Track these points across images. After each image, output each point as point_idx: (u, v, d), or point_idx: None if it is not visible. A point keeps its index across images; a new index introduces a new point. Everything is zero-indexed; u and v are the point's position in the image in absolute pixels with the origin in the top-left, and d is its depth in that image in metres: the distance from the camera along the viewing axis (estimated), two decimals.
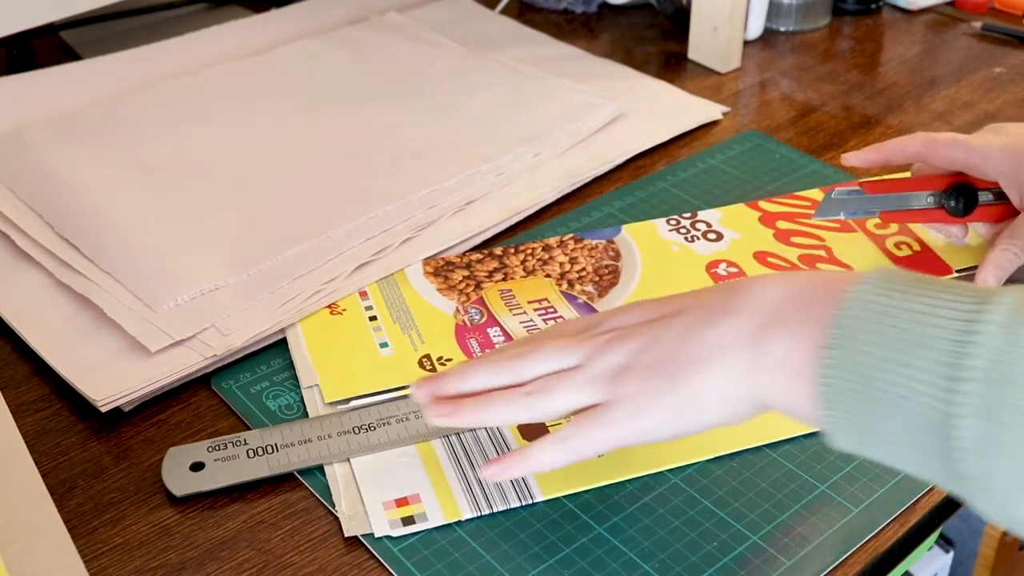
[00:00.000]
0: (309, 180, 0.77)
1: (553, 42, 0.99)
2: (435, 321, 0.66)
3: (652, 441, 0.50)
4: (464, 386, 0.53)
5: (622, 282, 0.70)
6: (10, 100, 0.87)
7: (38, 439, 0.59)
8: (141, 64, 0.92)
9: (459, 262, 0.71)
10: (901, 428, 0.42)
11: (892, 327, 0.43)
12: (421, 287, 0.69)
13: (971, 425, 0.40)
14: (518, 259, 0.72)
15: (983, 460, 0.40)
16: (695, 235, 0.73)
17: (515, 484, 0.55)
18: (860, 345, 0.43)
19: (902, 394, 0.42)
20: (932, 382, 0.41)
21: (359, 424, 0.58)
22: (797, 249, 0.72)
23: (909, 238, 0.73)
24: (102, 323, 0.64)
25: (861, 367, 0.43)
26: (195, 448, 0.57)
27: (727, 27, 0.93)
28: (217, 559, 0.53)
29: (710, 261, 0.71)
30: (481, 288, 0.69)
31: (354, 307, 0.67)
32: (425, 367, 0.63)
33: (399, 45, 0.96)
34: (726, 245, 0.73)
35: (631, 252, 0.72)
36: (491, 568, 0.52)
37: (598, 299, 0.68)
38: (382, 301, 0.67)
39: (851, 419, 0.44)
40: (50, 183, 0.76)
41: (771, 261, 0.71)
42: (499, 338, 0.65)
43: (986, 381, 0.40)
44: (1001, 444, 0.39)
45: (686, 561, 0.52)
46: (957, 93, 0.92)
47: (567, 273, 0.70)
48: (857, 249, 0.72)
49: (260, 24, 1.00)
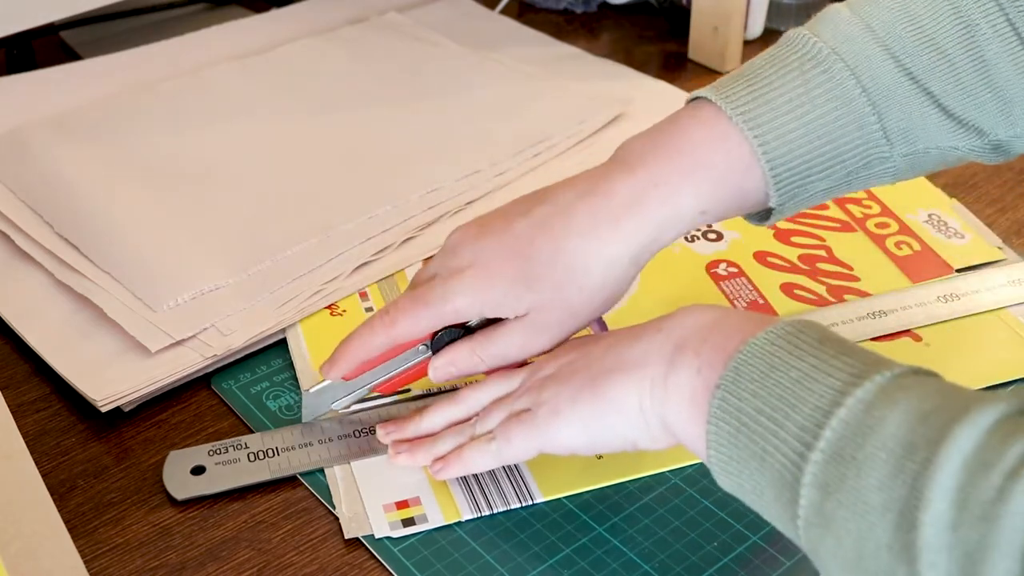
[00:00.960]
0: (309, 180, 0.77)
1: (553, 42, 0.99)
2: None
3: (570, 451, 0.52)
4: (422, 426, 0.56)
5: None
6: (10, 100, 0.87)
7: (38, 439, 0.59)
8: (141, 64, 0.92)
9: None
10: (766, 483, 0.42)
11: (775, 382, 0.43)
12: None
13: (809, 494, 0.40)
14: None
15: (813, 531, 0.40)
16: (695, 235, 0.73)
17: (515, 485, 0.55)
18: (743, 392, 0.44)
19: (768, 449, 0.42)
20: (792, 445, 0.41)
21: (359, 427, 0.58)
22: (797, 249, 0.72)
23: (909, 237, 0.73)
24: (102, 323, 0.64)
25: (740, 413, 0.43)
26: (196, 452, 0.57)
27: (727, 27, 0.93)
28: (217, 559, 0.53)
29: (710, 261, 0.71)
30: None
31: (354, 308, 0.67)
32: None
33: (399, 45, 0.96)
34: (726, 245, 0.72)
35: None
36: (491, 568, 0.52)
37: None
38: (382, 302, 0.67)
39: (729, 464, 0.44)
40: (50, 183, 0.76)
41: (771, 261, 0.71)
42: None
43: (831, 453, 0.40)
44: (829, 519, 0.39)
45: (686, 561, 0.52)
46: None
47: None
48: (858, 248, 0.72)
49: (260, 24, 1.00)
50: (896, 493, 0.38)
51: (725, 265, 0.71)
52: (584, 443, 0.51)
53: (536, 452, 0.52)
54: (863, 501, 0.38)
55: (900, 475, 0.38)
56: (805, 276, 0.70)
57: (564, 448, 0.51)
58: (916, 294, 0.67)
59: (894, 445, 0.38)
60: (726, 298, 0.68)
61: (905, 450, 0.38)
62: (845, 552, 0.39)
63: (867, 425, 0.39)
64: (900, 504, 0.37)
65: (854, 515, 0.38)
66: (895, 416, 0.39)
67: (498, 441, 0.52)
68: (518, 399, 0.53)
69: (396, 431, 0.57)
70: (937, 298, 0.67)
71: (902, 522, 0.37)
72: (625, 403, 0.49)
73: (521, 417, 0.52)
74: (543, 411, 0.51)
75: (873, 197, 0.76)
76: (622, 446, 0.50)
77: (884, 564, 0.37)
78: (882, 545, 0.38)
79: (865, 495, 0.38)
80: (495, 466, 0.54)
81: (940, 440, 0.37)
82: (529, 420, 0.52)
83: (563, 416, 0.50)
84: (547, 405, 0.51)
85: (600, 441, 0.50)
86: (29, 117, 0.84)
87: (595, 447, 0.51)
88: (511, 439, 0.52)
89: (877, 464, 0.38)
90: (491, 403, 0.55)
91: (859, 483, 0.39)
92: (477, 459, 0.53)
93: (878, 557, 0.38)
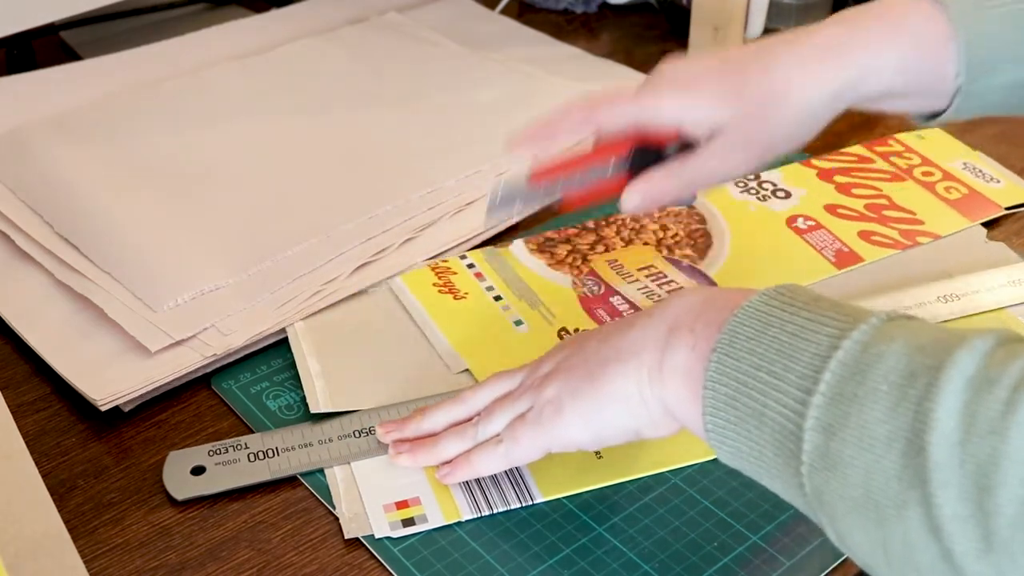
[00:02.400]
0: (309, 180, 0.77)
1: (553, 42, 0.99)
2: (558, 295, 0.68)
3: (576, 447, 0.52)
4: (424, 426, 0.57)
5: (716, 244, 0.73)
6: (10, 100, 0.87)
7: (38, 439, 0.59)
8: (141, 64, 0.92)
9: (558, 237, 0.73)
10: (767, 440, 0.42)
11: (771, 338, 0.43)
12: (531, 264, 0.71)
13: (813, 438, 0.40)
14: (612, 230, 0.74)
15: (818, 476, 0.40)
16: (765, 194, 0.77)
17: (515, 485, 0.55)
18: (740, 351, 0.44)
19: (767, 404, 0.42)
20: (793, 394, 0.41)
21: (360, 428, 0.58)
22: (861, 200, 0.77)
23: (954, 183, 0.78)
24: (102, 323, 0.64)
25: (738, 372, 0.44)
26: (196, 452, 0.57)
27: (727, 27, 0.93)
28: (217, 559, 0.53)
29: (788, 216, 0.75)
30: (588, 261, 0.71)
31: (475, 291, 0.68)
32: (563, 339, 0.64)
33: (399, 45, 0.96)
34: (797, 200, 0.77)
35: (714, 215, 0.75)
36: (491, 568, 0.52)
37: (700, 261, 0.71)
38: (500, 280, 0.69)
39: (727, 428, 0.44)
40: (50, 183, 0.76)
41: (842, 212, 0.76)
42: (623, 306, 0.67)
43: (832, 395, 0.40)
44: (834, 459, 0.39)
45: (686, 561, 0.52)
46: None
47: (663, 240, 0.73)
48: (912, 195, 0.77)
49: (260, 24, 1.00)
50: (901, 421, 0.38)
51: (803, 219, 0.75)
52: (589, 437, 0.51)
53: (544, 451, 0.52)
54: (868, 435, 0.38)
55: (903, 403, 0.38)
56: (876, 223, 0.75)
57: (570, 444, 0.52)
58: (916, 294, 0.67)
59: (895, 377, 0.39)
60: (814, 249, 0.72)
61: (906, 379, 0.38)
62: (852, 490, 0.39)
63: (865, 363, 0.40)
64: (906, 431, 0.37)
65: (860, 450, 0.38)
66: (893, 350, 0.39)
67: (506, 443, 0.53)
68: (519, 398, 0.53)
69: (396, 431, 0.57)
70: (937, 298, 0.67)
71: (909, 448, 0.37)
72: (625, 392, 0.49)
73: (526, 418, 0.52)
74: (547, 410, 0.51)
75: (911, 150, 0.82)
76: (626, 436, 0.50)
77: (894, 495, 0.37)
78: (891, 476, 0.38)
79: (870, 429, 0.38)
80: (504, 468, 0.54)
81: (941, 365, 0.38)
82: (534, 420, 0.52)
83: (566, 413, 0.51)
84: (550, 404, 0.51)
85: (604, 433, 0.51)
86: (29, 117, 0.84)
87: (600, 440, 0.51)
88: (519, 440, 0.52)
89: (879, 397, 0.39)
90: (492, 402, 0.55)
91: (862, 418, 0.39)
92: (486, 462, 0.54)
93: (887, 489, 0.38)
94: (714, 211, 0.76)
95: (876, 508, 0.38)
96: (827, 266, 0.71)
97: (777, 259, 0.72)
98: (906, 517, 0.37)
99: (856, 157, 0.81)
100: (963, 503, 0.36)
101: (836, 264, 0.71)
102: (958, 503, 0.36)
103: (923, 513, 0.37)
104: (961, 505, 0.36)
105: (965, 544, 0.36)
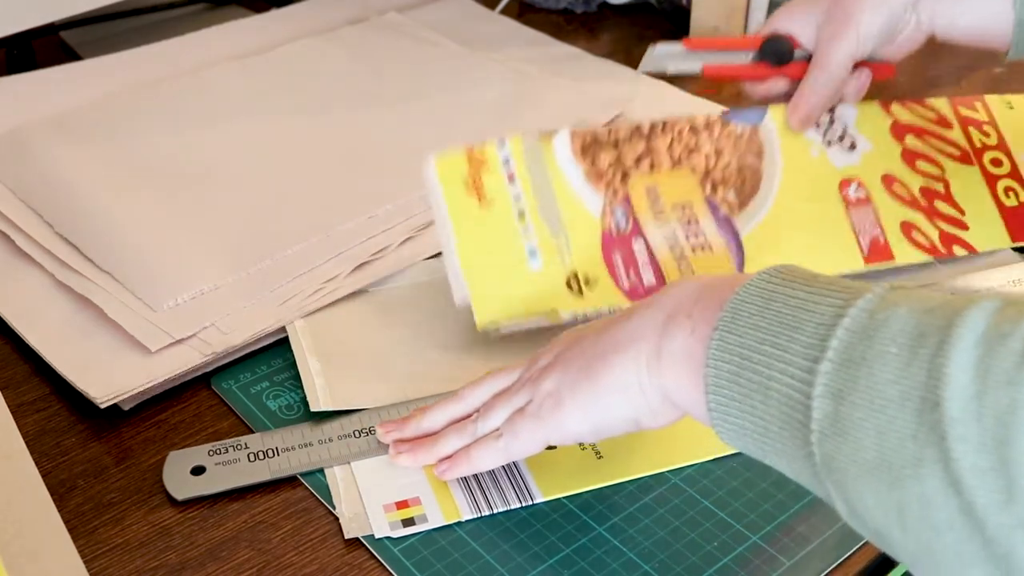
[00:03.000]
0: (309, 179, 0.77)
1: (553, 42, 0.99)
2: (583, 225, 0.65)
3: (576, 439, 0.52)
4: (423, 425, 0.57)
5: (762, 190, 0.70)
6: (10, 100, 0.87)
7: (38, 439, 0.59)
8: (141, 64, 0.92)
9: (607, 139, 0.68)
10: (772, 414, 0.42)
11: (774, 312, 0.43)
12: (569, 170, 0.66)
13: (822, 405, 0.40)
14: (665, 142, 0.69)
15: (828, 443, 0.40)
16: (832, 139, 0.73)
17: (515, 485, 0.55)
18: (743, 327, 0.44)
19: (773, 376, 0.42)
20: (799, 364, 0.41)
21: (359, 428, 0.58)
22: (920, 178, 0.73)
23: (1018, 184, 0.75)
24: (102, 323, 0.64)
25: (741, 348, 0.44)
26: (196, 452, 0.57)
27: (727, 27, 0.93)
28: (217, 559, 0.53)
29: (844, 179, 0.72)
30: (628, 178, 0.68)
31: (502, 199, 0.64)
32: (572, 289, 0.64)
33: (399, 45, 0.96)
34: (859, 158, 0.73)
35: (773, 151, 0.71)
36: (491, 568, 0.52)
37: (738, 210, 0.69)
38: (530, 189, 0.65)
39: (730, 405, 0.44)
40: (50, 183, 0.76)
41: (896, 189, 0.72)
42: (642, 255, 0.66)
43: (840, 361, 0.40)
44: (845, 424, 0.39)
45: (686, 561, 0.52)
46: (957, 93, 0.92)
47: (711, 171, 0.69)
48: (971, 189, 0.74)
49: (260, 24, 1.00)
50: (913, 381, 0.37)
51: (855, 186, 0.72)
52: (588, 429, 0.51)
53: (543, 444, 0.52)
54: (880, 396, 0.38)
55: (914, 362, 0.38)
56: (923, 215, 0.71)
57: (570, 437, 0.52)
58: None
59: (904, 338, 0.38)
60: (852, 231, 0.70)
61: (916, 339, 0.38)
62: (865, 453, 0.38)
63: (873, 327, 0.40)
64: (919, 390, 0.37)
65: (871, 412, 0.38)
66: (900, 314, 0.39)
67: (505, 437, 0.52)
68: (518, 392, 0.53)
69: (396, 431, 0.57)
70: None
71: (923, 406, 0.37)
72: (623, 382, 0.49)
73: (525, 411, 0.52)
74: (546, 403, 0.51)
75: (993, 123, 0.78)
76: (625, 427, 0.50)
77: (909, 454, 0.37)
78: (905, 436, 0.37)
79: (881, 390, 0.38)
80: (503, 463, 0.54)
81: (951, 324, 0.37)
82: (533, 413, 0.52)
83: (565, 405, 0.51)
84: (549, 396, 0.51)
85: (603, 424, 0.50)
86: (29, 117, 0.84)
87: (599, 431, 0.51)
88: (518, 434, 0.52)
89: (889, 359, 0.38)
90: (491, 398, 0.55)
91: (873, 380, 0.38)
92: (485, 457, 0.54)
93: (902, 449, 0.37)
94: (775, 144, 0.71)
95: (890, 470, 0.38)
96: (857, 257, 0.69)
97: (812, 234, 0.70)
98: (922, 475, 0.37)
99: (936, 116, 0.76)
100: (983, 455, 0.35)
101: (866, 258, 0.70)
102: (978, 455, 0.35)
103: (941, 469, 0.36)
104: (981, 457, 0.35)
105: (987, 496, 0.35)
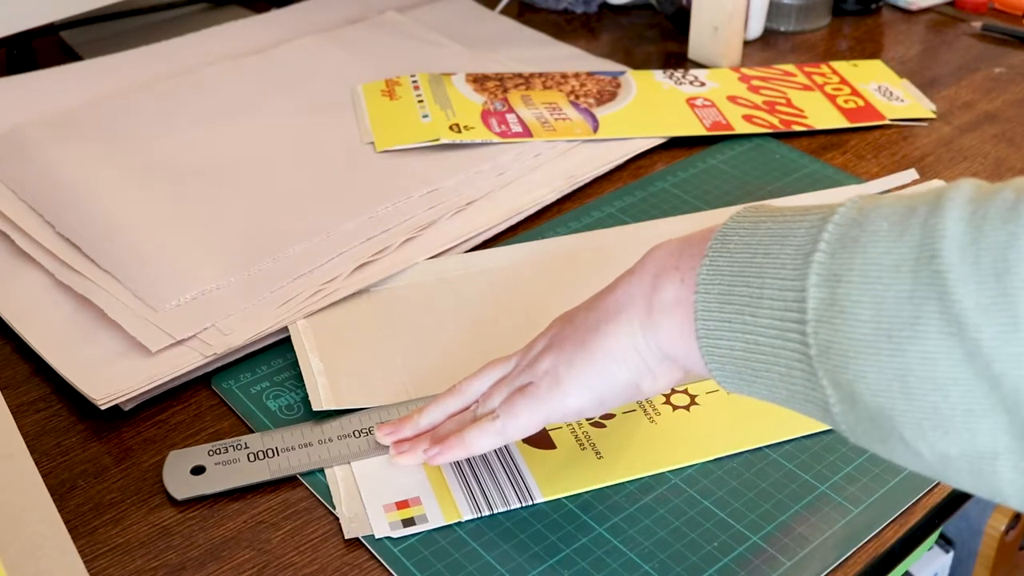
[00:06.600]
0: (309, 180, 0.77)
1: (553, 42, 0.99)
2: (468, 106, 0.84)
3: (577, 414, 0.52)
4: (422, 423, 0.57)
5: (618, 99, 0.86)
6: (10, 100, 0.87)
7: (38, 439, 0.59)
8: (141, 64, 0.92)
9: (493, 76, 0.89)
10: (763, 323, 0.43)
11: (763, 230, 0.44)
12: (462, 87, 0.87)
13: (817, 293, 0.40)
14: (540, 80, 0.89)
15: (825, 328, 0.40)
16: (682, 81, 0.90)
17: (515, 485, 0.55)
18: (731, 251, 0.45)
19: (763, 283, 0.43)
20: (790, 264, 0.42)
21: (359, 428, 0.58)
22: (763, 97, 0.88)
23: (857, 97, 0.89)
24: (102, 323, 0.64)
25: (732, 265, 0.44)
26: (196, 452, 0.57)
27: (727, 27, 0.93)
28: (217, 559, 0.53)
29: (691, 96, 0.88)
30: (507, 92, 0.87)
31: (407, 95, 0.86)
32: (453, 131, 0.80)
33: (399, 45, 0.96)
34: (706, 89, 0.89)
35: (629, 85, 0.89)
36: (491, 568, 0.52)
37: (597, 107, 0.85)
38: (429, 91, 0.86)
39: (721, 329, 0.44)
40: (50, 183, 0.76)
41: (740, 101, 0.87)
42: (516, 125, 0.81)
43: (833, 250, 0.40)
44: (841, 304, 0.40)
45: (686, 561, 0.52)
46: (957, 93, 0.92)
47: (576, 91, 0.87)
48: (812, 101, 0.88)
49: (260, 24, 1.00)
50: (907, 245, 0.38)
51: (702, 100, 0.88)
52: (590, 402, 0.51)
53: (542, 423, 0.52)
54: (875, 269, 0.39)
55: (908, 232, 0.38)
56: (764, 112, 0.86)
57: (572, 412, 0.51)
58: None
59: (894, 215, 0.39)
60: (695, 116, 0.85)
61: (906, 214, 0.39)
62: (863, 327, 0.39)
63: (862, 216, 0.40)
64: (914, 251, 0.38)
65: (867, 286, 0.39)
66: (887, 202, 0.40)
67: (502, 418, 0.52)
68: (515, 378, 0.53)
69: (395, 432, 0.57)
70: None
71: (919, 264, 0.37)
72: (619, 349, 0.49)
73: (524, 391, 0.52)
74: (545, 382, 0.51)
75: (836, 72, 0.93)
76: (627, 394, 0.50)
77: (907, 315, 0.37)
78: (902, 299, 0.38)
79: (876, 260, 0.39)
80: (499, 445, 0.53)
81: (939, 196, 0.38)
82: (532, 392, 0.51)
83: (563, 381, 0.50)
84: (547, 375, 0.51)
85: (605, 395, 0.50)
86: (29, 117, 0.84)
87: (601, 402, 0.51)
88: (517, 414, 0.52)
89: (881, 235, 0.39)
90: (490, 387, 0.55)
91: (867, 256, 0.39)
92: (480, 439, 0.53)
93: (900, 312, 0.38)
94: (632, 83, 0.89)
95: (889, 338, 0.38)
96: (699, 127, 0.84)
97: (659, 113, 0.85)
98: (922, 332, 0.37)
99: (783, 72, 0.93)
100: (984, 291, 0.35)
101: (708, 128, 0.83)
102: (980, 293, 0.35)
103: (941, 318, 0.36)
104: (983, 294, 0.35)
105: (993, 329, 0.35)
